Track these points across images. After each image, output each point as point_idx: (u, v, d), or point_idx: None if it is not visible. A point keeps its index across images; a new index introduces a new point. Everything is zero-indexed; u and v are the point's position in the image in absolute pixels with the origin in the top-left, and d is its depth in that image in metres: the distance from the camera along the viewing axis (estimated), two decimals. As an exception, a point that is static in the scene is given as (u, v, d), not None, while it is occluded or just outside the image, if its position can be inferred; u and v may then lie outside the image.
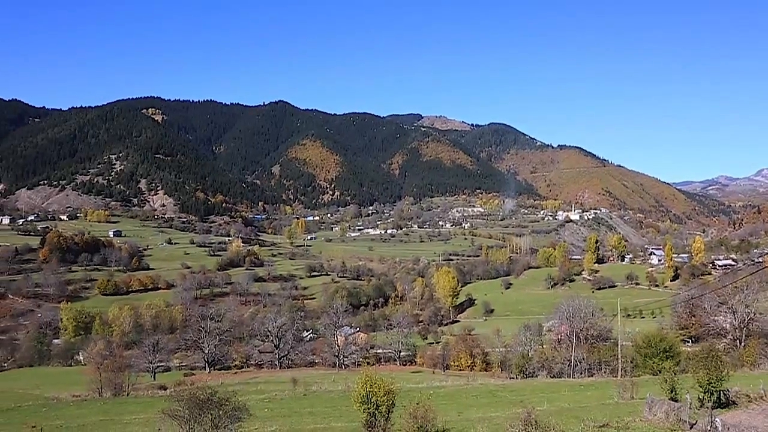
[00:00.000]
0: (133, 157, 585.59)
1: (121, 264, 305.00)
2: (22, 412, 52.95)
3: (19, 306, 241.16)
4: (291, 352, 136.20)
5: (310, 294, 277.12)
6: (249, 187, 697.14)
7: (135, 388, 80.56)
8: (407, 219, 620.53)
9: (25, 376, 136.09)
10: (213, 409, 26.75)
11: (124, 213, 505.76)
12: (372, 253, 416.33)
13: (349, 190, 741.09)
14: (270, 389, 73.36)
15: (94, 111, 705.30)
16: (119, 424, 42.88)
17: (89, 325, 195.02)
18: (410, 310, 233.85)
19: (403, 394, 37.41)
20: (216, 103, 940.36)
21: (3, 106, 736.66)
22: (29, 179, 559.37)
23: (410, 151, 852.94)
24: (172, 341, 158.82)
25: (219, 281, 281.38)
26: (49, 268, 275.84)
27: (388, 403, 32.06)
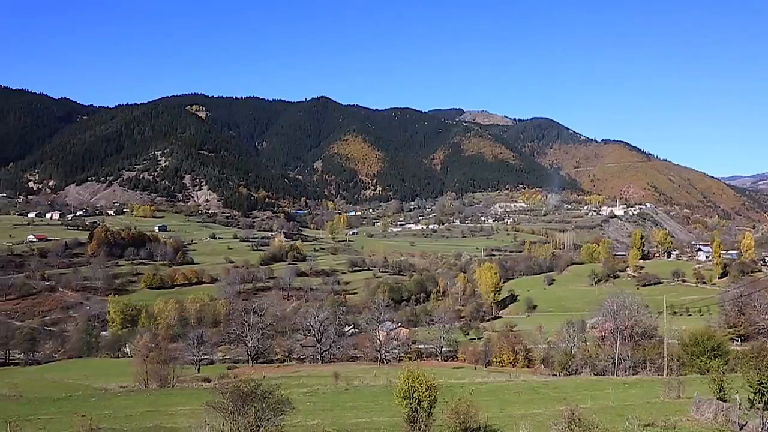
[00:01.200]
0: (178, 153, 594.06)
1: (167, 258, 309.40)
2: (73, 401, 54.17)
3: (69, 299, 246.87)
4: (333, 346, 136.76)
5: (351, 289, 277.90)
6: (291, 182, 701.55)
7: (180, 380, 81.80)
8: (449, 214, 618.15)
9: (74, 366, 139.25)
10: (257, 401, 26.99)
11: (169, 208, 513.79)
12: (414, 248, 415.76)
13: (391, 185, 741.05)
14: (312, 383, 73.79)
15: (140, 108, 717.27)
16: (165, 415, 43.57)
17: (136, 318, 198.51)
18: (452, 306, 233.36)
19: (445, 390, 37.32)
20: (258, 100, 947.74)
21: (53, 105, 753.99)
22: (78, 175, 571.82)
23: (452, 146, 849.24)
24: (216, 334, 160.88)
25: (262, 276, 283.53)
26: (97, 262, 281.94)
27: (430, 398, 32.00)
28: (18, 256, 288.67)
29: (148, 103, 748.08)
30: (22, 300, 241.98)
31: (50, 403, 52.65)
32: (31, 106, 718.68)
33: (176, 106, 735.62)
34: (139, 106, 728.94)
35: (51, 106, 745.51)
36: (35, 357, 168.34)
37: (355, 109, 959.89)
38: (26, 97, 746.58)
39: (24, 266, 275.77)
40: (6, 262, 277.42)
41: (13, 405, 52.71)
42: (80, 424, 31.47)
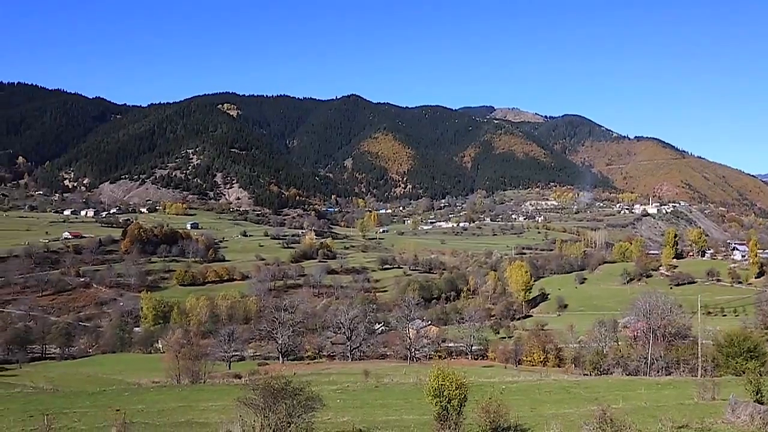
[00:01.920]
0: (210, 151, 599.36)
1: (198, 255, 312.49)
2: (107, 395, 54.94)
3: (103, 295, 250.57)
4: (363, 344, 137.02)
5: (382, 287, 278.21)
6: (322, 180, 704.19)
7: (211, 376, 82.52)
8: (480, 212, 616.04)
9: (108, 361, 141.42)
10: (287, 398, 27.12)
11: (201, 206, 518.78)
12: (444, 246, 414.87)
13: (422, 183, 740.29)
14: (342, 380, 74.02)
15: (172, 107, 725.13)
16: (197, 411, 43.99)
17: (168, 314, 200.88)
18: (482, 304, 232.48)
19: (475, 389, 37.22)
20: (289, 98, 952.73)
21: (87, 104, 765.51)
22: (112, 173, 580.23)
23: (483, 143, 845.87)
24: (247, 331, 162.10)
25: (292, 273, 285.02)
26: (130, 258, 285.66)
27: (460, 396, 31.92)
28: (54, 253, 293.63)
29: (180, 102, 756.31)
30: (57, 296, 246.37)
31: (85, 397, 53.48)
32: (67, 106, 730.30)
33: (208, 105, 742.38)
34: (172, 105, 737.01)
35: (86, 106, 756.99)
36: (70, 352, 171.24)
37: (386, 107, 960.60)
38: (62, 97, 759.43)
39: (60, 263, 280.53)
40: (42, 258, 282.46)
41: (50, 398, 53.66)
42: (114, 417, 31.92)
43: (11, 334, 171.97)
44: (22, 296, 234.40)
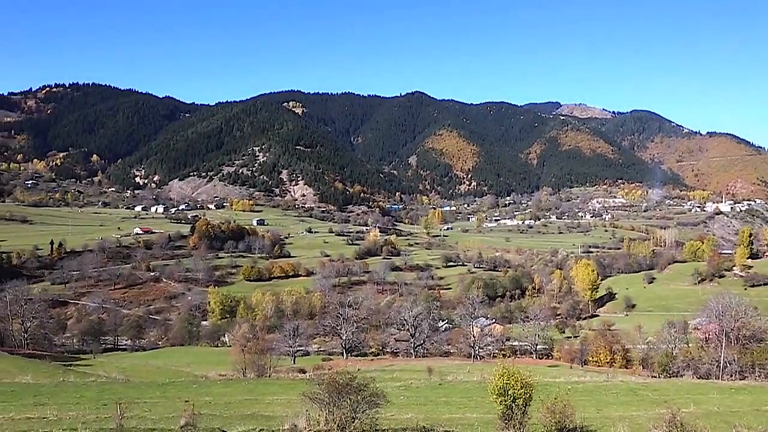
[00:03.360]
0: (275, 148, 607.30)
1: (264, 251, 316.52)
2: (176, 387, 56.11)
3: (172, 289, 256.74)
4: (426, 341, 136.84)
5: (446, 284, 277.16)
6: (386, 177, 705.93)
7: (276, 371, 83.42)
8: (545, 210, 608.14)
9: (177, 354, 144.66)
10: (352, 394, 27.24)
11: (267, 203, 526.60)
12: (509, 244, 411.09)
13: (486, 180, 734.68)
14: (405, 377, 73.89)
15: (239, 105, 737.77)
16: (262, 404, 44.53)
17: (234, 309, 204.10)
18: (547, 303, 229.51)
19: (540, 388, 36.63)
20: (354, 95, 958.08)
21: (157, 104, 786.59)
22: (181, 171, 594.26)
23: (548, 140, 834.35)
24: (311, 327, 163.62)
25: (357, 270, 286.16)
26: (198, 254, 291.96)
27: (525, 396, 31.48)
28: (126, 248, 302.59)
29: (247, 100, 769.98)
30: (129, 289, 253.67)
31: (155, 388, 54.76)
32: (138, 105, 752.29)
33: (274, 103, 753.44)
34: (238, 104, 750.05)
35: (156, 105, 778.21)
36: (141, 343, 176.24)
37: (450, 104, 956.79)
38: (134, 96, 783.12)
39: (131, 257, 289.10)
40: (115, 253, 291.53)
41: (122, 387, 55.17)
42: (183, 408, 32.63)
43: (86, 326, 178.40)
44: (96, 289, 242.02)
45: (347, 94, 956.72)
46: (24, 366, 78.58)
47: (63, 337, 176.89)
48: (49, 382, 59.23)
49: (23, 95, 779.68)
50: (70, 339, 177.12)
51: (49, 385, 55.58)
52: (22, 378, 61.25)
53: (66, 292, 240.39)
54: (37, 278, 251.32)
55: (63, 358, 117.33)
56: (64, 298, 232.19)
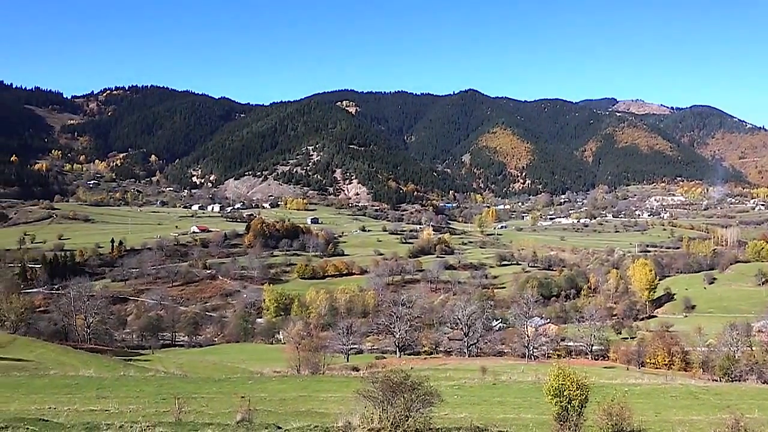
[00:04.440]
0: (329, 148, 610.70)
1: (318, 250, 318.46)
2: (232, 383, 57.06)
3: (228, 287, 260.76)
4: (480, 340, 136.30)
5: (500, 283, 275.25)
6: (440, 175, 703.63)
7: (330, 368, 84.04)
8: (601, 208, 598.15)
9: (232, 350, 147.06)
10: (406, 392, 27.15)
11: (321, 201, 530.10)
12: (564, 243, 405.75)
13: (541, 178, 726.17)
14: (459, 376, 73.65)
15: (293, 105, 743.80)
16: (317, 401, 44.97)
17: (288, 307, 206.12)
18: (603, 303, 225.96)
19: (596, 390, 36.03)
20: (407, 94, 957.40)
21: (213, 104, 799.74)
22: (236, 170, 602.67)
23: (604, 137, 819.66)
24: (365, 325, 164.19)
25: (410, 268, 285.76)
26: (254, 252, 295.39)
27: (581, 397, 30.99)
28: (183, 246, 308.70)
29: (301, 100, 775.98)
30: (186, 287, 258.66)
31: (212, 383, 55.75)
32: (195, 106, 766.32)
33: (327, 103, 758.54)
34: (292, 104, 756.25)
35: (212, 106, 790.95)
36: (197, 340, 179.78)
37: (504, 101, 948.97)
38: (190, 98, 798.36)
39: (188, 255, 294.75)
40: (173, 251, 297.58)
41: (180, 383, 56.30)
42: (239, 404, 33.12)
43: (145, 322, 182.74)
44: (154, 287, 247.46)
45: (400, 93, 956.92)
46: (87, 360, 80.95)
47: (123, 332, 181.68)
48: (111, 376, 60.90)
49: (85, 98, 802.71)
50: (129, 334, 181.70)
51: (111, 379, 57.19)
52: (85, 371, 63.17)
53: (126, 289, 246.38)
54: (99, 275, 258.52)
55: (123, 353, 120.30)
56: (124, 294, 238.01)
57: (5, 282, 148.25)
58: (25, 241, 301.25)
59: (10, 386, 49.67)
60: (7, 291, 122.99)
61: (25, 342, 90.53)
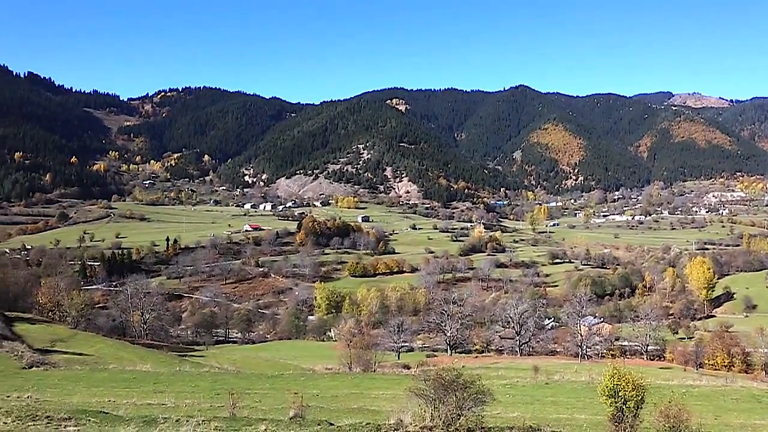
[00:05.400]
0: (379, 146, 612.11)
1: (369, 248, 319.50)
2: (284, 379, 57.57)
3: (280, 284, 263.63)
4: (532, 339, 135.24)
5: (552, 281, 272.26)
6: (490, 173, 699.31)
7: (381, 366, 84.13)
8: (656, 205, 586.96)
9: (284, 347, 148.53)
10: (458, 390, 27.01)
11: (372, 199, 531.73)
12: (618, 240, 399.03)
13: (594, 174, 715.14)
14: (511, 375, 73.07)
15: (343, 104, 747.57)
16: (368, 398, 45.05)
17: (340, 304, 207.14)
18: (659, 302, 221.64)
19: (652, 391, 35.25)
20: (457, 91, 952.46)
21: (264, 104, 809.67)
22: (287, 169, 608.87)
23: (660, 132, 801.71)
24: (416, 323, 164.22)
25: (461, 266, 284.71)
26: (305, 250, 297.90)
27: (637, 398, 30.34)
28: (236, 244, 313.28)
29: (351, 98, 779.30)
30: (239, 284, 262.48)
31: (265, 380, 56.35)
32: (246, 107, 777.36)
33: (377, 101, 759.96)
34: (343, 102, 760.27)
35: (263, 106, 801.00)
36: (250, 336, 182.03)
37: (555, 97, 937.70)
38: (242, 98, 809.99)
39: (241, 253, 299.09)
40: (226, 249, 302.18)
41: (233, 378, 57.07)
42: (292, 400, 33.38)
43: (199, 318, 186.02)
44: (208, 284, 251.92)
45: (450, 90, 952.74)
46: (144, 355, 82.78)
47: (178, 328, 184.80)
48: (167, 371, 62.06)
49: (141, 100, 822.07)
50: (184, 331, 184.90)
51: (167, 374, 58.28)
52: (142, 366, 64.60)
53: (180, 287, 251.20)
54: (155, 273, 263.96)
55: (178, 348, 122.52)
56: (179, 291, 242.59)
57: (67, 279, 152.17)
58: (84, 239, 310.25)
59: (72, 379, 51.13)
60: (69, 287, 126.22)
61: (85, 337, 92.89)
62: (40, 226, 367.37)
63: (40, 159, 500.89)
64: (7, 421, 24.38)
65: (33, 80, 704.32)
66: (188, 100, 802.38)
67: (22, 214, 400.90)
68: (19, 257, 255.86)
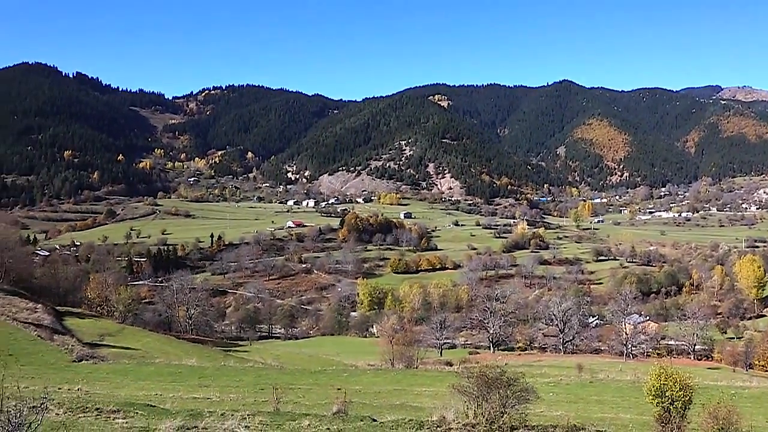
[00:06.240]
0: (422, 142, 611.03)
1: (411, 244, 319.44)
2: (327, 375, 58.03)
3: (323, 280, 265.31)
4: (576, 337, 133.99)
5: (596, 279, 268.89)
6: (534, 169, 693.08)
7: (423, 362, 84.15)
8: (704, 201, 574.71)
9: (327, 343, 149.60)
10: (501, 388, 26.90)
11: (414, 196, 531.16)
12: (664, 237, 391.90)
13: (639, 170, 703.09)
14: (554, 373, 72.48)
15: (385, 100, 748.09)
16: (411, 395, 45.13)
17: (382, 301, 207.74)
18: (707, 301, 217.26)
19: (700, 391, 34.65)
20: (499, 86, 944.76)
21: (307, 101, 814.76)
22: (330, 166, 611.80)
23: (708, 126, 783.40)
24: (458, 320, 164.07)
25: (504, 263, 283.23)
26: (348, 246, 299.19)
27: (685, 399, 29.79)
28: (279, 241, 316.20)
29: (393, 95, 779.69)
30: (282, 280, 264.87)
31: (308, 375, 56.86)
32: (289, 104, 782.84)
33: (419, 97, 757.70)
34: (385, 99, 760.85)
35: (306, 103, 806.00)
36: (293, 332, 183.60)
37: (599, 92, 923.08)
38: (285, 95, 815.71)
39: (284, 250, 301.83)
40: (269, 245, 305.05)
41: (277, 373, 57.66)
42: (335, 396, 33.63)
43: (243, 314, 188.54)
44: (251, 280, 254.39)
45: (492, 86, 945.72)
46: (189, 350, 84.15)
47: (222, 324, 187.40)
48: (212, 365, 63.10)
49: (185, 99, 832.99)
50: (228, 326, 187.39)
51: (212, 369, 59.26)
52: (187, 361, 65.74)
53: (225, 282, 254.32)
54: (199, 269, 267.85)
55: (223, 344, 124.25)
56: (223, 287, 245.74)
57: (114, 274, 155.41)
58: (131, 235, 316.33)
59: (120, 372, 52.27)
60: (116, 283, 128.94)
61: (132, 331, 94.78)
62: (88, 222, 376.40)
63: (89, 157, 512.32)
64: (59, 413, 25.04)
65: (81, 80, 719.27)
66: (232, 98, 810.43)
67: (72, 211, 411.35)
68: (68, 253, 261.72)
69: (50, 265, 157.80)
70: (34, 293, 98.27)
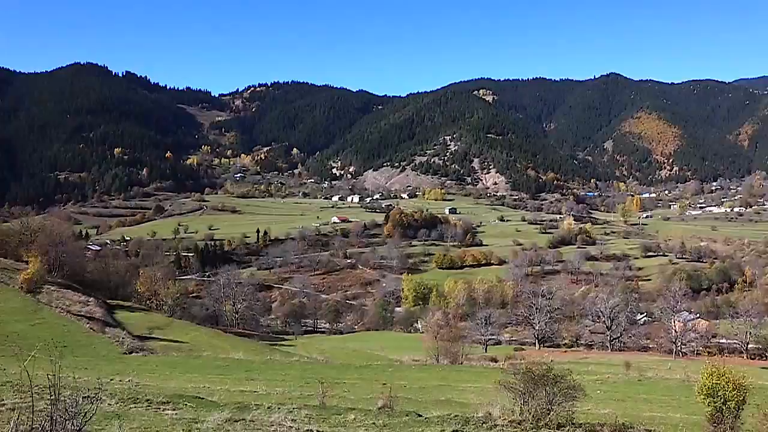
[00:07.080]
0: (466, 137, 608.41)
1: (456, 240, 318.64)
2: (372, 369, 58.15)
3: (367, 276, 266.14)
4: (623, 334, 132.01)
5: (645, 275, 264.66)
6: (580, 163, 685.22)
7: (468, 358, 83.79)
8: (758, 196, 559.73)
9: (371, 338, 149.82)
10: (548, 385, 26.58)
11: (459, 191, 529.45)
12: (715, 233, 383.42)
13: (689, 164, 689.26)
14: (601, 371, 71.53)
15: (429, 96, 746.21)
16: (456, 390, 44.91)
17: (427, 296, 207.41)
18: (761, 298, 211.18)
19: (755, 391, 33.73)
20: (545, 80, 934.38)
21: (352, 97, 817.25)
22: (374, 161, 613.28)
23: (762, 119, 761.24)
24: (503, 316, 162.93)
25: (550, 259, 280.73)
26: (392, 242, 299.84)
27: (738, 398, 28.99)
28: (324, 236, 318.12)
29: (437, 90, 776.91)
30: (327, 275, 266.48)
31: (353, 370, 57.07)
32: (334, 100, 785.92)
33: (464, 92, 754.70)
34: (429, 94, 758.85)
35: (350, 99, 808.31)
36: (338, 327, 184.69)
37: (648, 84, 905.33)
38: (329, 91, 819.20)
39: (329, 245, 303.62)
40: (314, 241, 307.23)
41: (322, 368, 58.06)
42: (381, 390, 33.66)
43: (289, 309, 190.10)
44: (297, 275, 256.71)
45: (538, 80, 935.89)
46: (236, 343, 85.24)
47: (268, 318, 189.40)
48: (258, 359, 63.76)
49: (231, 96, 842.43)
50: (274, 320, 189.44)
51: (258, 362, 59.88)
52: (235, 354, 66.62)
53: (270, 277, 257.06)
54: (246, 264, 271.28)
55: (269, 338, 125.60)
56: (269, 282, 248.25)
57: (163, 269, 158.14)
58: (179, 231, 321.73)
59: (169, 365, 53.20)
60: (165, 277, 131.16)
61: (180, 325, 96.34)
62: (137, 218, 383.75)
63: (138, 154, 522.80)
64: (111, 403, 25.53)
65: (130, 79, 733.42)
66: (277, 95, 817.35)
67: (121, 207, 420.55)
68: (118, 248, 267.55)
69: (101, 259, 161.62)
70: (86, 287, 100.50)
